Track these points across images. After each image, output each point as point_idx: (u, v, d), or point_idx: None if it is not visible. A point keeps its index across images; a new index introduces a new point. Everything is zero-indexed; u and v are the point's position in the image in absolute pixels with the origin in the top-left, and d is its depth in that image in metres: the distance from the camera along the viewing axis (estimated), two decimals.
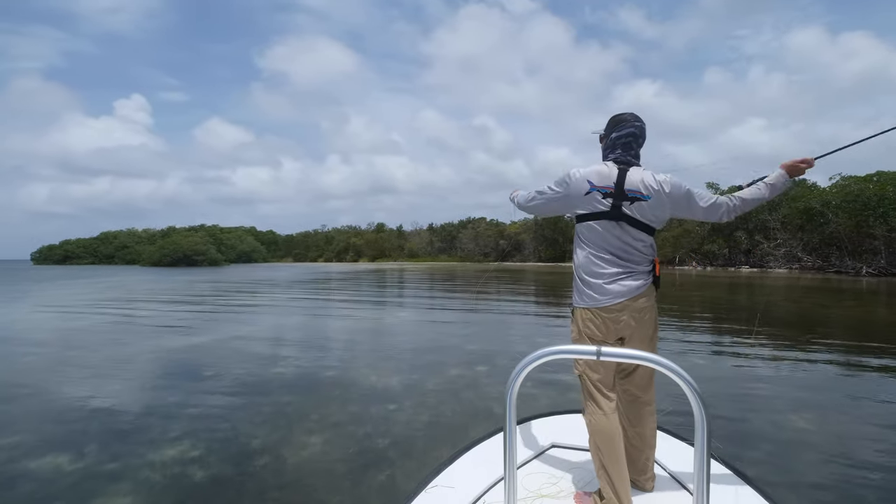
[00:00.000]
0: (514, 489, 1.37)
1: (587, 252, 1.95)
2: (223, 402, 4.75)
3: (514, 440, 1.35)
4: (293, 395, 4.94)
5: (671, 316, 11.11)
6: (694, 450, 1.18)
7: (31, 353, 7.45)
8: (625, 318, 1.88)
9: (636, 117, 2.00)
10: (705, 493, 1.16)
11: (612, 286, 1.88)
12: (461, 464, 2.13)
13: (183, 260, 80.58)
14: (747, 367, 6.10)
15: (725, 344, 7.77)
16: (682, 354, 6.81)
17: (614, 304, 1.87)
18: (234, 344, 7.95)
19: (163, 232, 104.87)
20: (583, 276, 1.95)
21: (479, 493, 1.86)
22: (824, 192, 41.24)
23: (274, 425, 4.10)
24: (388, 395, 4.88)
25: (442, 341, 8.06)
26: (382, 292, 20.47)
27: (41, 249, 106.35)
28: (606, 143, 2.05)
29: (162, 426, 4.08)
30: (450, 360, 6.45)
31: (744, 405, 4.55)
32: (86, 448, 3.64)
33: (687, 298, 16.44)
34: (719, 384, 5.27)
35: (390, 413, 4.36)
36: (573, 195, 1.96)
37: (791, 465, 3.30)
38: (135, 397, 4.95)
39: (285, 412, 4.44)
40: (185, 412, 4.45)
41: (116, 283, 28.55)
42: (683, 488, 1.93)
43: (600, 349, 1.29)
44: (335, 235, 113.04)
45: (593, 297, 1.90)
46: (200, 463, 3.34)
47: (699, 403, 1.16)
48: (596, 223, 1.93)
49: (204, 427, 4.05)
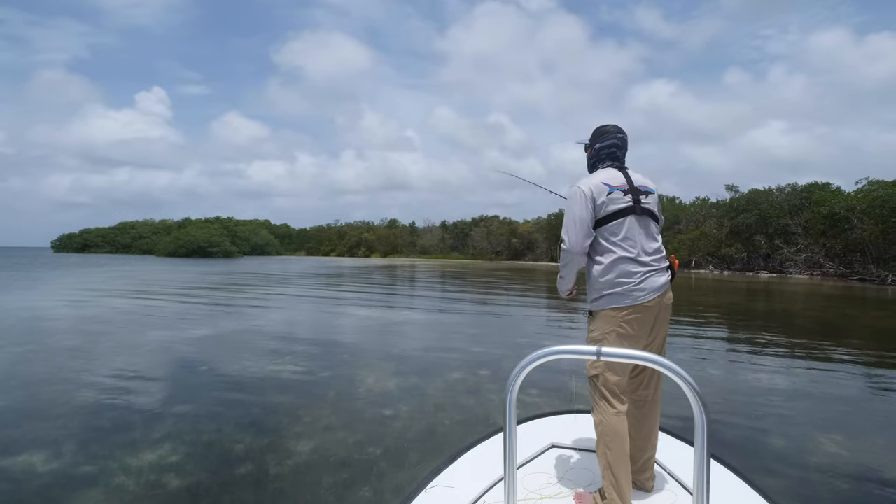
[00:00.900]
0: (514, 489, 1.36)
1: (618, 250, 1.93)
2: (213, 400, 4.56)
3: (514, 440, 1.35)
4: (286, 396, 4.73)
5: (686, 322, 10.70)
6: (694, 450, 1.18)
7: (27, 341, 7.38)
8: (660, 315, 1.91)
9: (619, 129, 2.07)
10: (705, 493, 1.16)
11: (647, 283, 1.89)
12: (461, 464, 2.11)
13: (198, 251, 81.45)
14: (767, 380, 5.72)
15: (743, 353, 7.38)
16: (698, 363, 6.46)
17: (650, 301, 1.87)
18: (233, 339, 7.80)
19: (179, 223, 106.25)
20: (612, 275, 1.91)
21: (479, 493, 1.85)
22: (849, 197, 39.92)
23: (261, 428, 3.88)
24: (385, 399, 4.64)
25: (446, 342, 7.80)
26: (390, 289, 20.29)
27: (61, 237, 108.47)
28: (591, 154, 2.12)
29: (145, 425, 3.90)
30: (452, 363, 6.19)
31: (765, 423, 4.20)
32: (63, 447, 3.47)
33: (702, 303, 15.95)
34: (737, 399, 4.92)
35: (385, 419, 4.12)
36: (598, 202, 1.94)
37: (822, 496, 2.97)
38: (122, 393, 4.79)
39: (276, 414, 4.23)
40: (171, 410, 4.26)
41: (127, 273, 28.85)
42: (683, 488, 1.92)
43: (600, 349, 1.29)
44: (348, 230, 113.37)
45: (630, 295, 1.87)
46: (177, 470, 3.14)
47: (699, 404, 1.16)
48: (623, 220, 1.93)
49: (189, 428, 3.85)
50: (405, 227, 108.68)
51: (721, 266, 48.33)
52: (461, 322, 10.29)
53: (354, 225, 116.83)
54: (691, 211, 54.99)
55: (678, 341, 8.04)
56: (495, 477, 1.94)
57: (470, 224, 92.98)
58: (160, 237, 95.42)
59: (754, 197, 47.24)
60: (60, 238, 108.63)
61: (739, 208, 47.48)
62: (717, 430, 3.99)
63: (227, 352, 6.75)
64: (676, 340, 8.10)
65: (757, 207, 45.66)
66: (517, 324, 10.42)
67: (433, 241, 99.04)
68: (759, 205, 45.70)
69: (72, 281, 21.51)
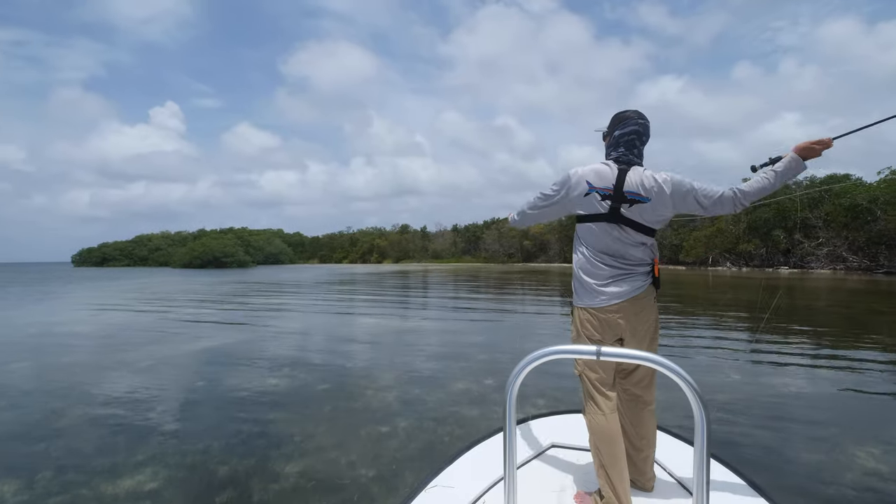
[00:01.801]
0: (514, 489, 1.37)
1: (585, 253, 1.94)
2: (202, 417, 4.36)
3: (514, 440, 1.35)
4: (279, 412, 4.50)
5: (700, 321, 10.27)
6: (694, 450, 1.18)
7: (21, 358, 7.30)
8: (622, 320, 1.87)
9: (640, 115, 1.96)
10: (705, 493, 1.16)
11: (609, 288, 1.88)
12: (461, 464, 2.10)
13: (212, 262, 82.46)
14: (793, 384, 5.34)
15: (763, 353, 6.96)
16: (715, 367, 6.09)
17: (610, 306, 1.87)
18: (231, 350, 7.63)
19: (194, 234, 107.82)
20: (581, 276, 1.94)
21: (479, 493, 1.84)
22: (871, 188, 38.71)
23: (249, 449, 3.66)
24: (383, 415, 4.39)
25: (453, 349, 7.53)
26: (399, 295, 20.07)
27: (81, 252, 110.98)
28: (610, 142, 2.01)
29: (128, 447, 3.70)
30: (457, 372, 5.92)
31: (793, 434, 3.85)
32: (39, 474, 3.28)
33: (719, 300, 15.43)
34: (758, 404, 4.56)
35: (381, 437, 3.86)
36: (573, 196, 1.93)
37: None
38: (108, 410, 4.61)
39: (266, 433, 4.00)
40: (159, 429, 4.07)
41: (139, 286, 29.13)
42: (683, 488, 1.92)
43: (600, 349, 1.28)
44: (360, 237, 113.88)
45: (591, 297, 1.90)
46: (154, 498, 2.92)
47: (699, 403, 1.16)
48: (594, 225, 1.90)
49: (173, 450, 3.64)
50: (417, 232, 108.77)
51: (739, 263, 47.23)
52: (469, 328, 10.00)
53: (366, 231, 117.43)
54: None
55: (696, 341, 7.65)
56: (495, 477, 1.93)
57: (481, 227, 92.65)
58: (176, 249, 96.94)
59: None
60: (80, 252, 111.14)
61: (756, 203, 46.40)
62: (737, 440, 3.66)
63: (222, 365, 6.56)
64: (693, 341, 7.72)
65: (775, 202, 44.54)
66: (528, 327, 10.09)
67: (445, 245, 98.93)
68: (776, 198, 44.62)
69: (82, 295, 21.73)
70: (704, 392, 1.14)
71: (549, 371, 5.49)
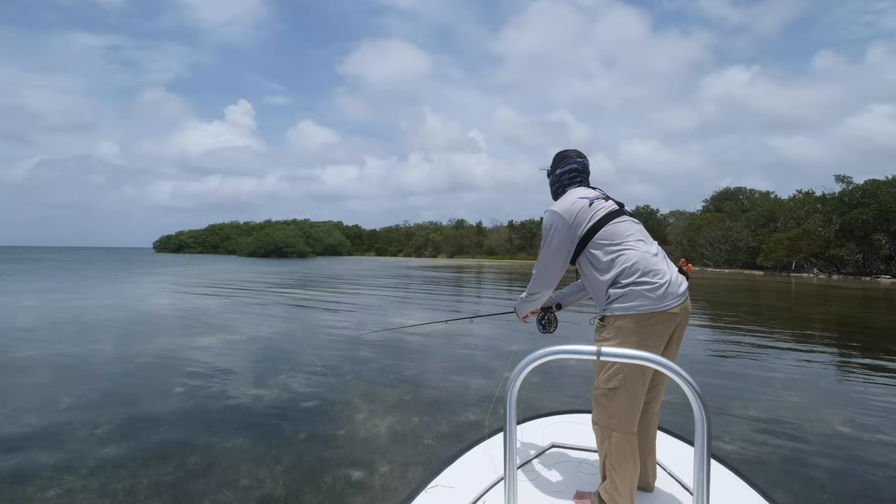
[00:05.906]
0: (514, 489, 1.37)
1: (627, 247, 1.75)
2: (154, 437, 3.73)
3: (514, 440, 1.35)
4: (246, 437, 3.78)
5: (785, 340, 8.57)
6: (694, 450, 1.19)
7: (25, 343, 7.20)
8: (679, 327, 1.76)
9: (579, 153, 2.03)
10: (705, 493, 1.17)
11: (673, 287, 1.70)
12: (461, 464, 2.07)
13: (275, 251, 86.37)
14: None
15: (859, 383, 5.38)
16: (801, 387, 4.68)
17: (675, 307, 1.69)
18: (233, 348, 7.13)
19: (260, 225, 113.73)
20: (634, 276, 1.69)
21: (479, 493, 1.80)
22: None
23: (196, 484, 2.95)
24: (365, 451, 3.54)
25: (469, 363, 6.58)
26: (456, 290, 19.29)
27: (161, 239, 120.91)
28: (553, 179, 2.05)
29: (52, 471, 3.11)
30: (470, 397, 4.91)
31: None
32: None
33: (806, 316, 13.26)
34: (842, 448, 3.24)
35: (359, 482, 3.02)
36: (580, 219, 1.79)
37: None
38: (47, 422, 4.10)
39: (221, 464, 3.29)
40: (93, 454, 3.46)
41: (198, 273, 30.48)
42: (683, 488, 1.88)
43: (600, 349, 1.28)
44: (416, 231, 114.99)
45: (658, 298, 1.67)
46: None
47: (699, 404, 1.16)
48: (616, 221, 1.80)
49: (97, 485, 3.00)
50: (472, 228, 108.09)
51: (828, 269, 42.18)
52: (499, 335, 8.96)
53: (422, 226, 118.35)
54: (790, 206, 48.70)
55: (776, 374, 6.17)
56: (495, 477, 1.90)
57: (538, 224, 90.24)
58: (243, 238, 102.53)
59: (872, 189, 40.62)
60: (160, 239, 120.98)
61: (852, 202, 41.09)
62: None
63: (216, 365, 6.03)
64: (777, 363, 6.24)
65: (876, 201, 39.23)
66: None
67: (500, 241, 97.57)
68: (878, 198, 39.22)
69: (145, 279, 22.86)
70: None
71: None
